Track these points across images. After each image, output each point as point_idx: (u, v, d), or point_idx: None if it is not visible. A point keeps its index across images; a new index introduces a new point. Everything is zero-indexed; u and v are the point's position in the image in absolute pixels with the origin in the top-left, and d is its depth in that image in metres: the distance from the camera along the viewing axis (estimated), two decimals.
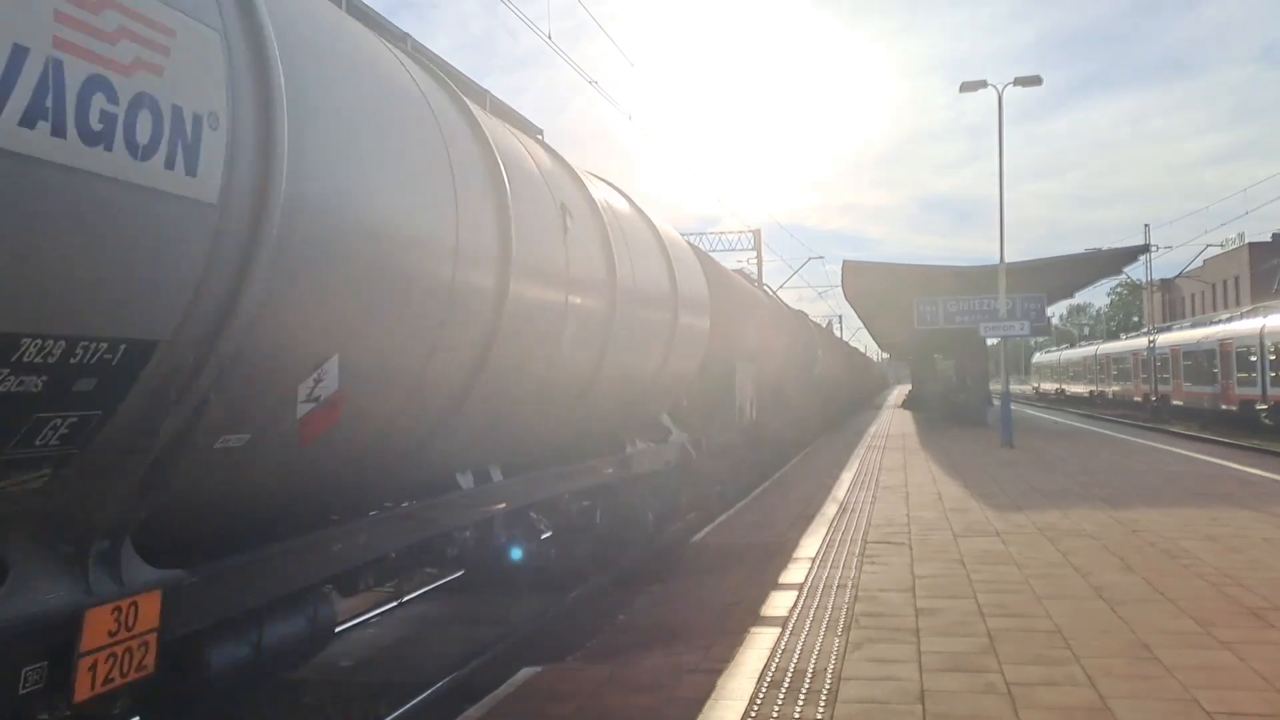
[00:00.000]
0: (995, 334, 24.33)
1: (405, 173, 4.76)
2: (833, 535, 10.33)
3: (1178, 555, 8.81)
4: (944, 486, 14.76)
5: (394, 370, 4.76)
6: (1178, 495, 13.26)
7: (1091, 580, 7.81)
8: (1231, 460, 18.64)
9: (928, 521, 11.18)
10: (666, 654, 6.28)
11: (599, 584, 10.16)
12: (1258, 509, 11.71)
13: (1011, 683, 5.22)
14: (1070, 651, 5.80)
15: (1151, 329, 50.35)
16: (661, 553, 11.34)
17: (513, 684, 5.70)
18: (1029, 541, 9.71)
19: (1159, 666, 5.48)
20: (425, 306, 4.87)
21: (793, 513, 12.50)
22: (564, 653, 7.38)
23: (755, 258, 46.65)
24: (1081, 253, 32.08)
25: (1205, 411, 36.62)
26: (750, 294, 17.25)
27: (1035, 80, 23.99)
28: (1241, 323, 34.56)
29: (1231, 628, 6.28)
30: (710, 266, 13.75)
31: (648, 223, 10.40)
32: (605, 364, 7.99)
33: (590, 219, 8.05)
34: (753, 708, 4.96)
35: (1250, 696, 4.94)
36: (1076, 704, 4.87)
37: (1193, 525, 10.54)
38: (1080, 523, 10.87)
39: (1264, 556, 8.66)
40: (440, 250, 5.02)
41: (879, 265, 30.04)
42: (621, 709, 5.09)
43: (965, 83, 23.94)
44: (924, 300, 27.35)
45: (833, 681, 5.32)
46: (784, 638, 6.27)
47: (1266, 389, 30.78)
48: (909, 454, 21.20)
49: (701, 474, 13.31)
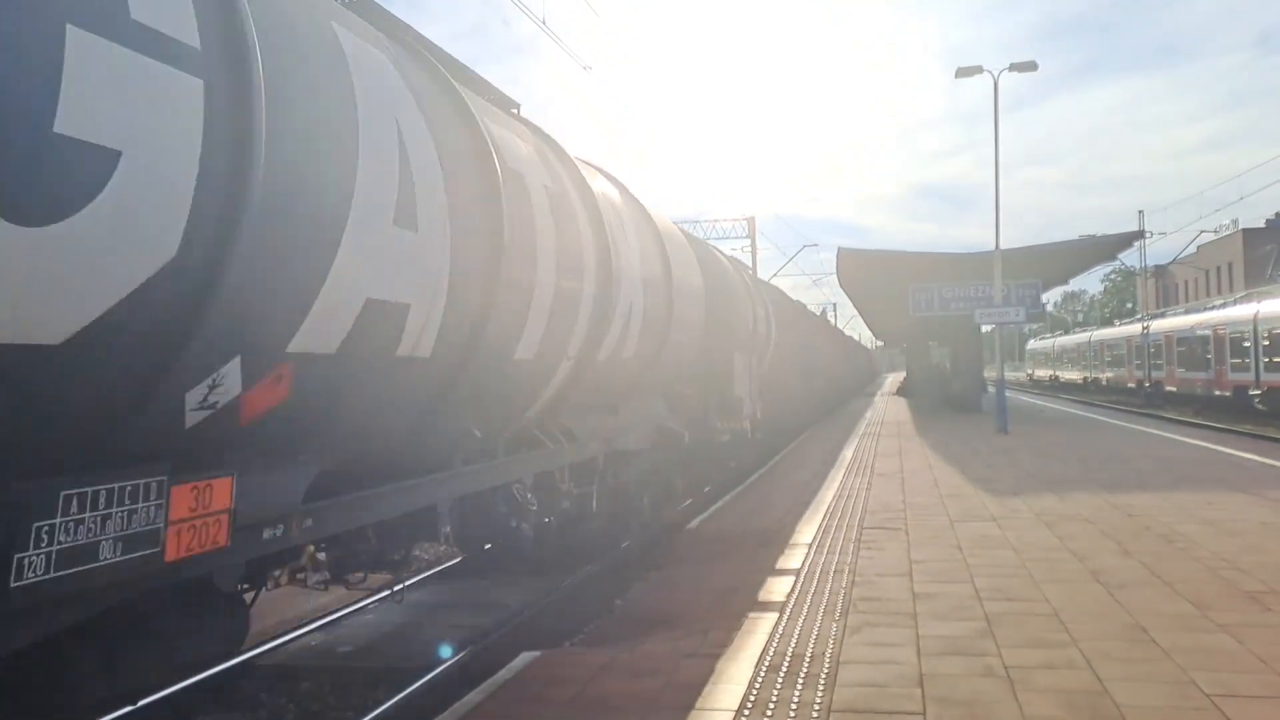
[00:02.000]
0: (990, 321, 24.33)
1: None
2: (829, 521, 10.34)
3: (1174, 539, 8.84)
4: (940, 472, 14.78)
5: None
6: (1173, 480, 13.30)
7: (1088, 564, 7.83)
8: (1225, 445, 18.69)
9: (924, 507, 11.19)
10: (665, 639, 6.28)
11: (597, 570, 10.17)
12: (1253, 493, 11.75)
13: (1010, 666, 5.24)
14: (1068, 635, 5.82)
15: (1145, 315, 50.46)
16: (659, 539, 11.36)
17: (512, 669, 5.70)
18: (1025, 526, 9.73)
19: (1156, 649, 5.49)
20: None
21: (789, 499, 12.51)
22: (563, 638, 7.40)
23: (749, 246, 46.65)
24: (1076, 239, 32.06)
25: (1199, 397, 36.73)
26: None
27: (1031, 66, 23.91)
28: (1235, 309, 34.63)
29: (1229, 611, 6.30)
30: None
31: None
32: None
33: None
34: (752, 691, 4.96)
35: (1248, 678, 4.96)
36: (1075, 687, 4.89)
37: (1188, 509, 10.57)
38: (1076, 507, 10.90)
39: (1260, 540, 8.69)
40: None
41: (874, 253, 30.00)
42: (621, 693, 5.10)
43: (961, 68, 23.88)
44: (919, 287, 27.31)
45: (831, 665, 5.33)
46: (782, 622, 6.28)
47: (1260, 374, 30.86)
48: (904, 440, 21.23)
49: (703, 460, 13.35)
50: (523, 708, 4.98)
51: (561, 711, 4.89)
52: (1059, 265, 31.70)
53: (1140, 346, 45.30)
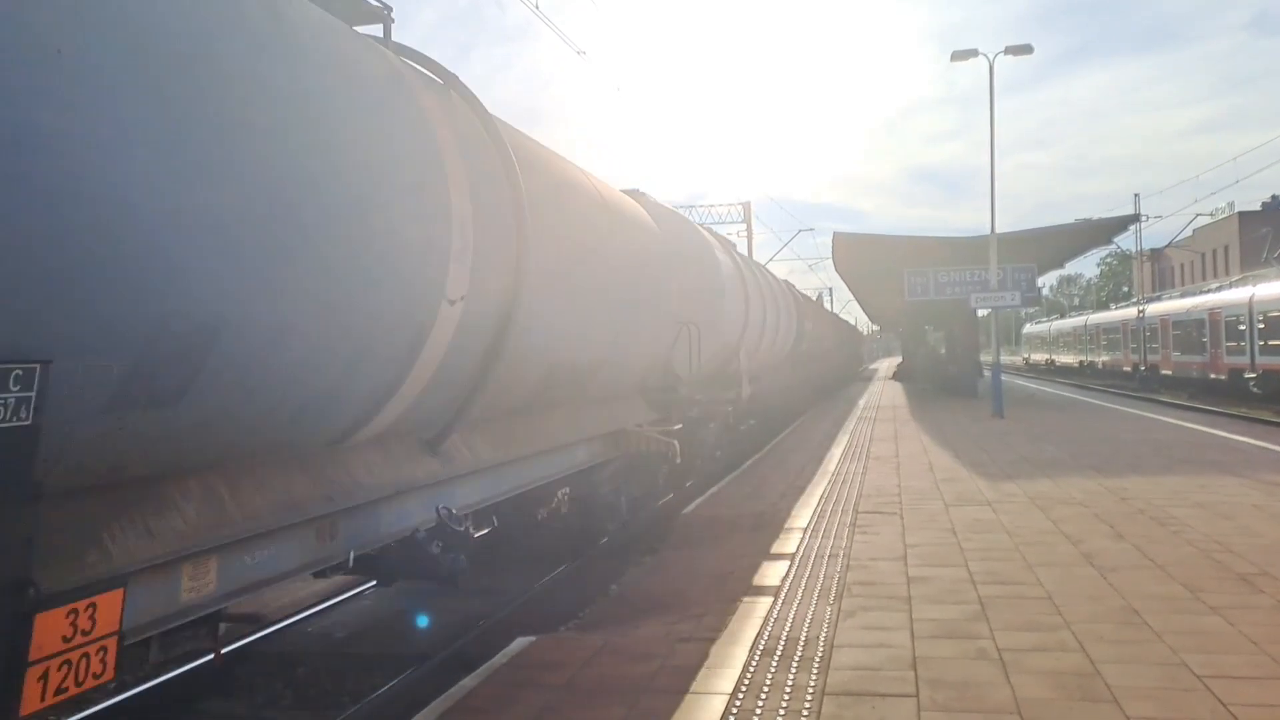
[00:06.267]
0: (986, 305, 24.35)
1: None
2: (824, 506, 10.37)
3: (1167, 522, 8.87)
4: (935, 457, 14.82)
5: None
6: (1167, 463, 13.34)
7: (1082, 547, 7.87)
8: (1220, 428, 18.75)
9: (919, 491, 11.23)
10: (660, 623, 6.30)
11: (591, 555, 10.19)
12: (1247, 476, 11.79)
13: (1003, 648, 5.26)
14: (1061, 617, 5.85)
15: (1141, 299, 50.50)
16: (653, 524, 11.38)
17: (507, 654, 5.72)
18: (1020, 510, 9.76)
19: (1148, 631, 5.52)
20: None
21: (784, 484, 12.54)
22: (558, 623, 7.41)
23: (745, 230, 46.60)
24: (1071, 223, 32.03)
25: (1194, 381, 36.81)
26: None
27: (1026, 49, 23.85)
28: (1231, 292, 34.66)
29: (1221, 593, 6.33)
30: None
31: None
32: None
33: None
34: (746, 676, 4.99)
35: (1239, 660, 4.99)
36: (1067, 669, 4.92)
37: (1182, 493, 10.61)
38: (1071, 491, 10.94)
39: (1253, 523, 8.73)
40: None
41: (870, 237, 29.97)
42: (616, 677, 5.12)
43: (956, 51, 23.82)
44: (915, 272, 27.29)
45: (825, 649, 5.35)
46: (777, 607, 6.30)
47: (1255, 358, 30.92)
48: (900, 425, 21.27)
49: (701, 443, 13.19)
50: (518, 692, 5.00)
51: (557, 695, 4.92)
52: (1055, 249, 31.71)
53: (1136, 330, 45.36)
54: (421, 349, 5.19)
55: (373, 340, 4.67)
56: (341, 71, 4.49)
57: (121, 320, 3.14)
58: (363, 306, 4.49)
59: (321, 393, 4.45)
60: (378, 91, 4.83)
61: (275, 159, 3.80)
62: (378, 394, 5.01)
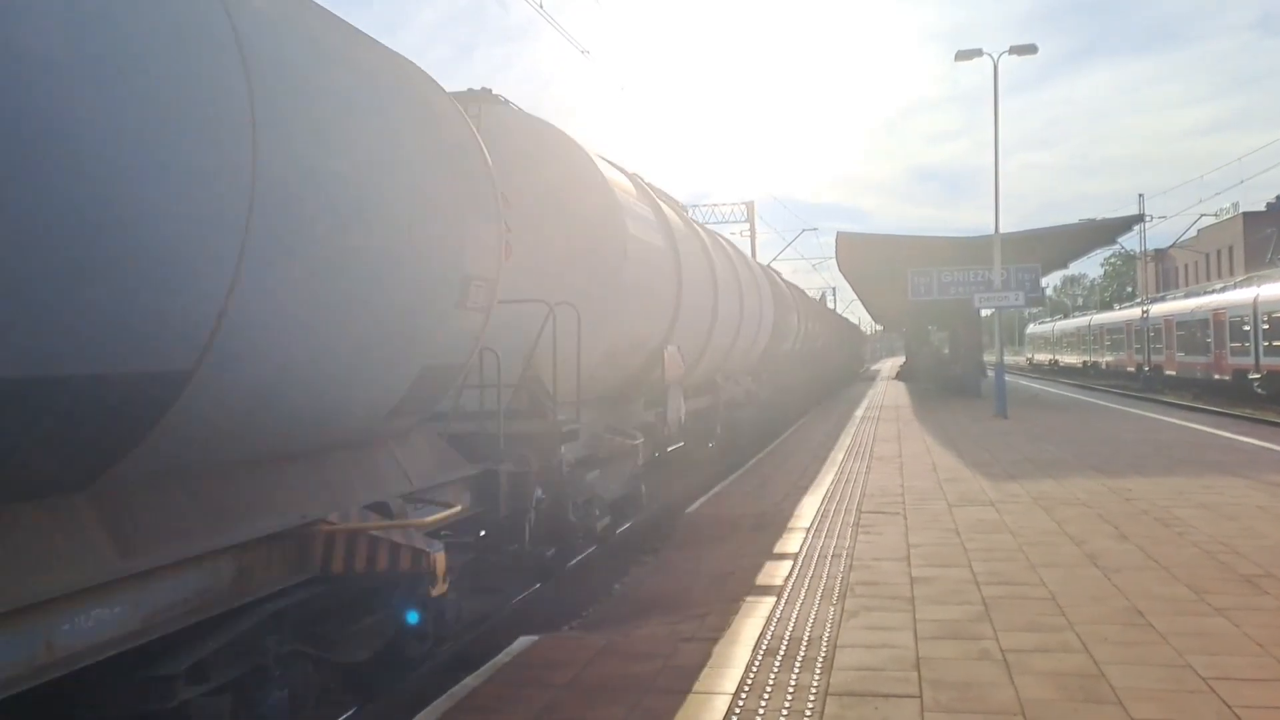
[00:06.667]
0: (990, 305, 24.32)
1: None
2: (828, 505, 10.36)
3: (1171, 523, 8.85)
4: (938, 457, 14.80)
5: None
6: (1171, 464, 13.31)
7: (1085, 548, 7.85)
8: (1224, 429, 18.71)
9: (922, 491, 11.21)
10: (663, 623, 6.30)
11: (594, 555, 10.17)
12: (1251, 477, 11.77)
13: (1006, 649, 5.25)
14: (1064, 618, 5.83)
15: (1145, 299, 50.40)
16: (656, 523, 11.37)
17: (510, 653, 5.72)
18: (1023, 510, 9.74)
19: (1152, 633, 5.51)
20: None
21: (787, 483, 12.53)
22: (560, 622, 7.41)
23: (748, 230, 46.57)
24: (1075, 223, 32.00)
25: (1198, 381, 36.71)
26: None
27: (1031, 49, 23.79)
28: (1235, 292, 34.57)
29: (1225, 594, 6.31)
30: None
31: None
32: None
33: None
34: (749, 675, 4.98)
35: (1244, 662, 4.97)
36: (1070, 670, 4.90)
37: (1186, 493, 10.58)
38: (1074, 491, 10.92)
39: (1257, 524, 8.70)
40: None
41: (873, 237, 29.96)
42: (619, 676, 5.11)
43: (961, 51, 23.76)
44: (918, 272, 27.26)
45: (828, 649, 5.34)
46: (780, 606, 6.29)
47: (1259, 358, 30.84)
48: (903, 425, 21.25)
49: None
50: (521, 691, 5.00)
51: (559, 694, 4.91)
52: (1058, 249, 31.66)
53: (1140, 330, 45.28)
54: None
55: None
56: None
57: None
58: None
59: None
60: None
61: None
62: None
